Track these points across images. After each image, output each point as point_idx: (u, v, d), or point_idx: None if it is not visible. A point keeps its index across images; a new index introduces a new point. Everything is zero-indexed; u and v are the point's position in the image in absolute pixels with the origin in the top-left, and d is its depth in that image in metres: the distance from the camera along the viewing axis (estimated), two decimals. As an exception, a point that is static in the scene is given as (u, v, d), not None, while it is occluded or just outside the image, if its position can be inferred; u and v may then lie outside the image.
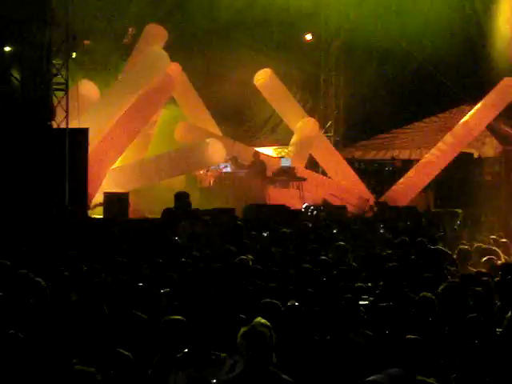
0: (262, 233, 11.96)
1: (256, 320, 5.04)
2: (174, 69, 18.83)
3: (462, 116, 20.63)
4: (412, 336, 5.34)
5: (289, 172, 19.03)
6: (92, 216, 15.01)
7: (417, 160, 21.41)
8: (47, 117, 14.17)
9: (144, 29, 18.79)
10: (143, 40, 18.65)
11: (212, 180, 19.02)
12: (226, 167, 18.76)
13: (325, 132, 22.81)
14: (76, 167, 14.20)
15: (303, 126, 20.77)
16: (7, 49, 14.57)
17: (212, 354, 5.49)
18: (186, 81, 20.20)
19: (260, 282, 7.39)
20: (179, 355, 5.53)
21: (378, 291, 7.63)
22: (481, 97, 20.03)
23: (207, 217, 13.21)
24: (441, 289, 6.87)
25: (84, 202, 14.54)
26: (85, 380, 4.37)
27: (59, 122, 14.49)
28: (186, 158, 17.87)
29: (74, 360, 4.86)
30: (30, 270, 6.82)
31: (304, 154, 21.04)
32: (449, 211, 17.25)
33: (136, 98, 17.14)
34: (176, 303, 6.97)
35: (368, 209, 18.80)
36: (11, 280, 6.63)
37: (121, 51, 19.79)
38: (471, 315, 6.16)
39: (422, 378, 5.03)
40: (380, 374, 5.10)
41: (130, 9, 19.45)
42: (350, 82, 22.88)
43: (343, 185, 20.49)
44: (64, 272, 7.63)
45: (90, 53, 19.21)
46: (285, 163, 19.33)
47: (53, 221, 12.53)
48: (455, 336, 6.14)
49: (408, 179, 20.41)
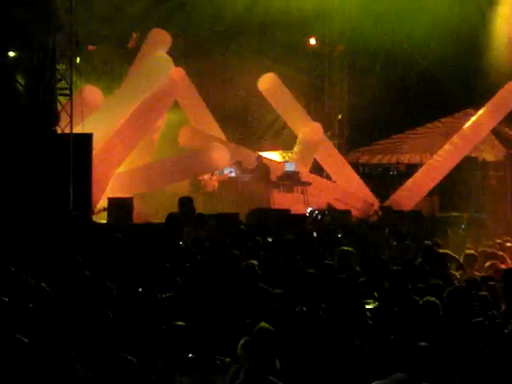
0: (267, 238, 11.92)
1: (259, 325, 5.01)
2: (178, 73, 18.85)
3: (467, 120, 20.58)
4: (422, 343, 5.31)
5: (293, 176, 19.00)
6: (96, 221, 15.01)
7: (421, 164, 21.39)
8: (51, 122, 14.18)
9: (148, 34, 18.85)
10: (147, 45, 18.69)
11: (216, 185, 19.01)
12: (231, 172, 18.75)
13: (330, 137, 22.80)
14: (80, 172, 14.20)
15: (307, 131, 20.76)
16: (11, 54, 14.57)
17: (216, 359, 5.45)
18: (190, 85, 20.19)
19: (266, 287, 7.37)
20: (183, 360, 5.51)
21: (383, 295, 7.61)
22: (485, 101, 20.02)
23: (212, 221, 13.19)
24: (446, 293, 6.86)
25: (88, 207, 14.55)
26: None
27: (63, 127, 14.50)
28: (191, 163, 17.87)
29: (78, 366, 4.86)
30: (35, 276, 6.82)
31: (308, 159, 21.01)
32: (454, 215, 17.22)
33: (140, 103, 17.17)
34: (181, 308, 6.95)
35: (373, 213, 18.76)
36: (16, 286, 6.64)
37: (125, 56, 19.83)
38: (476, 319, 6.15)
39: (427, 384, 5.02)
40: (385, 379, 5.08)
41: (134, 13, 19.50)
42: (354, 86, 22.89)
43: (348, 189, 20.46)
44: (69, 277, 7.63)
45: (94, 58, 19.26)
46: (289, 168, 19.30)
47: (57, 226, 12.53)
48: (460, 340, 6.12)
49: (413, 183, 20.38)
